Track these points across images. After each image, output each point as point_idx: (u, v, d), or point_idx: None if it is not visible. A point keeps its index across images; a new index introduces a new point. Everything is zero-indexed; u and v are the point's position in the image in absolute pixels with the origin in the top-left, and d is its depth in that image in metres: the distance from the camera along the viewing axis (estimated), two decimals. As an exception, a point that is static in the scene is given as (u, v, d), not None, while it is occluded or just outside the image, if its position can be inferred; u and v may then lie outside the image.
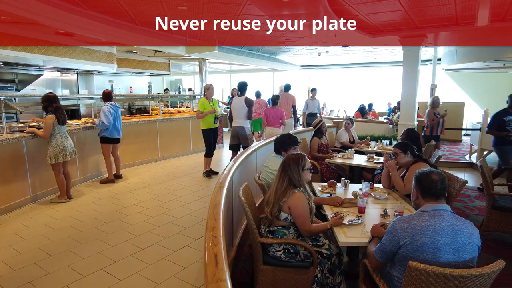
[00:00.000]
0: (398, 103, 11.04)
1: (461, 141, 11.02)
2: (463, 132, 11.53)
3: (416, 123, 8.00)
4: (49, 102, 4.87)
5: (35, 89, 8.02)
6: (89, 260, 3.29)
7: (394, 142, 6.30)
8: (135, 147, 7.18)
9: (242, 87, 6.42)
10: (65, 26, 5.77)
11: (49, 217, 4.41)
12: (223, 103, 12.15)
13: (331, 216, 2.64)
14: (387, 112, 12.72)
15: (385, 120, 9.80)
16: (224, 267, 1.29)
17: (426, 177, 2.00)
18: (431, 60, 11.98)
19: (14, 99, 5.36)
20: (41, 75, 8.53)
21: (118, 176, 6.16)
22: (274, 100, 7.16)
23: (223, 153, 8.96)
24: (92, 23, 6.22)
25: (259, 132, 7.91)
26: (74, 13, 5.82)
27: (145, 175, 6.56)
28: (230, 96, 11.38)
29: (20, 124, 5.52)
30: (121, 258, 3.32)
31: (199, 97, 10.26)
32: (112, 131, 5.83)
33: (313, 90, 9.89)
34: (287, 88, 8.94)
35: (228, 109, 8.79)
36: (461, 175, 6.21)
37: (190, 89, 13.21)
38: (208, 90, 6.42)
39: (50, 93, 5.14)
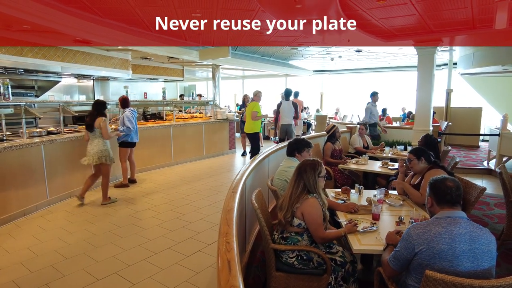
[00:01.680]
0: (409, 112, 10.91)
1: (478, 146, 10.76)
2: (481, 137, 11.26)
3: (431, 128, 7.86)
4: (104, 106, 5.23)
5: (53, 95, 8.22)
6: (104, 264, 3.33)
7: (410, 148, 6.20)
8: (149, 152, 7.27)
9: (287, 93, 7.41)
10: (83, 33, 5.92)
11: (65, 220, 4.49)
12: (237, 111, 12.17)
13: (345, 223, 2.61)
14: (402, 117, 12.55)
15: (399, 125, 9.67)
16: (237, 273, 1.28)
17: (441, 183, 1.97)
18: (446, 64, 11.79)
19: (34, 105, 5.51)
20: (59, 81, 8.76)
21: (132, 181, 6.25)
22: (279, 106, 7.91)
23: (236, 158, 8.99)
24: (108, 30, 6.36)
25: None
26: (91, 21, 5.98)
27: (158, 179, 6.63)
28: (241, 104, 11.37)
29: (38, 129, 5.67)
30: (135, 262, 3.35)
31: (211, 102, 10.35)
32: (132, 136, 5.96)
33: (375, 94, 8.31)
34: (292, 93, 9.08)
35: (241, 116, 8.90)
36: (479, 182, 6.06)
37: (199, 95, 13.33)
38: (256, 96, 7.29)
39: (101, 100, 5.56)
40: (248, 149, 8.57)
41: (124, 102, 6.08)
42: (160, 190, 5.90)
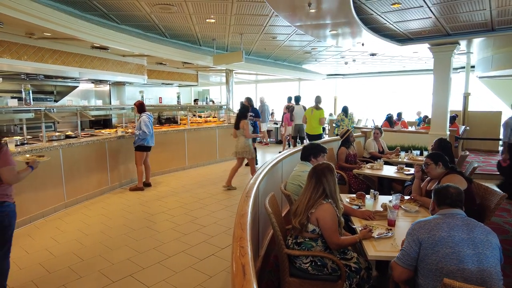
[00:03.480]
0: (425, 116, 10.69)
1: (498, 151, 10.45)
2: (500, 142, 10.95)
3: (448, 133, 7.70)
4: (247, 111, 6.39)
5: (71, 100, 8.42)
6: (119, 266, 3.38)
7: (425, 153, 6.08)
8: (164, 156, 7.36)
9: (298, 99, 9.61)
10: (100, 40, 6.07)
11: (81, 222, 4.58)
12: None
13: (360, 229, 2.58)
14: (417, 121, 12.33)
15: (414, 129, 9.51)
16: (251, 278, 1.28)
17: (443, 189, 2.14)
18: (463, 67, 11.55)
19: (53, 109, 5.66)
20: (77, 86, 8.98)
21: (147, 184, 6.33)
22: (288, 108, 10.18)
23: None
24: (125, 36, 6.51)
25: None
26: (109, 28, 6.13)
27: (173, 183, 6.70)
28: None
29: (57, 133, 5.82)
30: (149, 265, 3.38)
31: (225, 107, 10.42)
32: (148, 140, 6.05)
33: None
34: (290, 99, 11.11)
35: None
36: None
37: (212, 101, 13.44)
38: (319, 103, 8.09)
39: (245, 105, 6.75)
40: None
41: (141, 107, 6.19)
42: (175, 193, 5.96)
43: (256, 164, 7.52)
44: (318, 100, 8.06)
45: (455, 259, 1.82)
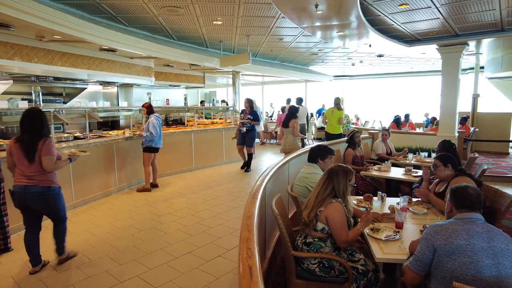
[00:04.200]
0: (433, 118, 10.60)
1: (508, 153, 10.31)
2: (511, 144, 10.80)
3: (456, 134, 7.62)
4: (296, 111, 6.90)
5: (80, 102, 8.52)
6: (126, 267, 3.40)
7: (433, 155, 6.02)
8: (171, 157, 7.40)
9: (301, 100, 10.18)
10: (109, 42, 6.13)
11: (89, 223, 4.62)
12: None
13: (367, 231, 2.56)
14: (425, 123, 12.23)
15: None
16: (258, 279, 1.28)
17: (462, 190, 2.02)
18: (472, 68, 11.43)
19: (61, 111, 5.73)
20: (85, 88, 9.08)
21: (154, 185, 6.37)
22: (283, 109, 11.17)
23: (255, 163, 9.01)
24: (133, 38, 6.57)
25: None
26: (117, 30, 6.20)
27: (180, 184, 6.73)
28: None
29: (65, 135, 5.89)
30: (156, 266, 3.40)
31: (231, 108, 10.44)
32: (157, 141, 6.09)
33: None
34: (289, 100, 11.82)
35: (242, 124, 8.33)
36: (510, 191, 5.80)
37: (223, 101, 13.47)
38: (339, 104, 8.47)
39: (294, 106, 7.28)
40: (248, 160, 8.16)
41: (150, 108, 6.24)
42: (181, 194, 5.99)
43: None
44: (338, 101, 8.48)
45: (472, 269, 1.72)
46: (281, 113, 12.04)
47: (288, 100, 12.08)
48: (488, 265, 1.72)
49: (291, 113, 6.95)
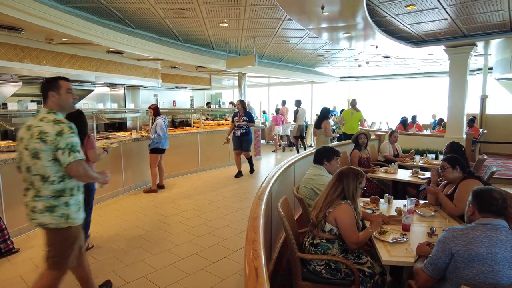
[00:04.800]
0: (440, 119, 10.51)
1: (517, 155, 10.18)
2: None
3: (464, 136, 7.55)
4: (328, 113, 7.05)
5: (87, 103, 8.62)
6: (132, 267, 3.42)
7: (441, 157, 5.97)
8: (177, 159, 7.43)
9: (299, 102, 10.72)
10: (116, 44, 6.19)
11: (96, 223, 4.65)
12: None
13: (374, 233, 2.55)
14: (432, 124, 12.12)
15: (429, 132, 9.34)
16: (264, 281, 1.28)
17: (487, 193, 1.91)
18: (481, 69, 11.31)
19: (70, 113, 5.81)
20: (93, 90, 9.18)
21: (161, 186, 6.40)
22: (277, 110, 12.13)
23: (260, 164, 9.01)
24: (140, 41, 6.62)
25: None
26: (124, 33, 6.25)
27: (186, 185, 6.76)
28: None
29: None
30: (162, 267, 3.41)
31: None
32: (163, 143, 6.13)
33: None
34: (284, 102, 12.65)
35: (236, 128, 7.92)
36: (519, 193, 5.72)
37: (231, 103, 13.52)
38: (356, 106, 8.67)
39: (327, 107, 7.25)
40: (243, 168, 7.78)
41: (157, 110, 6.29)
42: (188, 196, 6.01)
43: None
44: (354, 102, 8.73)
45: (491, 278, 1.66)
46: (275, 114, 12.42)
47: (283, 102, 12.62)
48: (508, 275, 1.66)
49: (323, 115, 7.09)
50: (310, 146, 12.48)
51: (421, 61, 10.94)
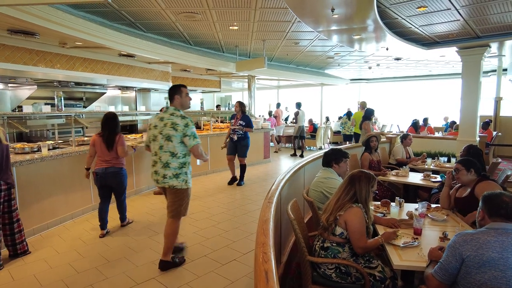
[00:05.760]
0: (452, 122, 10.34)
1: (533, 159, 9.94)
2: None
3: (478, 139, 7.41)
4: (372, 113, 7.29)
5: (99, 106, 8.74)
6: (143, 268, 3.45)
7: (453, 160, 5.88)
8: (187, 161, 7.47)
9: (299, 105, 11.00)
10: (127, 48, 6.28)
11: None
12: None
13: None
14: (444, 127, 11.94)
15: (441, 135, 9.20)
16: (275, 284, 1.28)
17: (496, 197, 1.89)
18: (494, 70, 11.10)
19: (82, 115, 5.90)
20: (105, 93, 9.31)
21: (170, 188, 6.43)
22: (270, 113, 12.80)
23: (270, 167, 9.00)
24: (151, 44, 6.70)
25: None
26: (136, 36, 6.34)
27: (196, 187, 6.79)
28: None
29: (85, 138, 6.05)
30: (172, 269, 3.43)
31: (247, 113, 10.49)
32: None
33: None
34: (279, 105, 13.71)
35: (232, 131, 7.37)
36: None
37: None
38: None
39: (370, 108, 7.53)
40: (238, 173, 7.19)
41: None
42: (197, 197, 6.04)
43: None
44: (365, 105, 9.17)
45: (503, 284, 1.63)
46: (268, 117, 12.79)
47: (278, 105, 13.47)
48: None
49: (364, 116, 7.34)
50: (320, 148, 12.45)
51: (433, 63, 10.80)
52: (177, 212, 3.44)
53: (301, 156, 10.59)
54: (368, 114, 7.38)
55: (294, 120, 11.60)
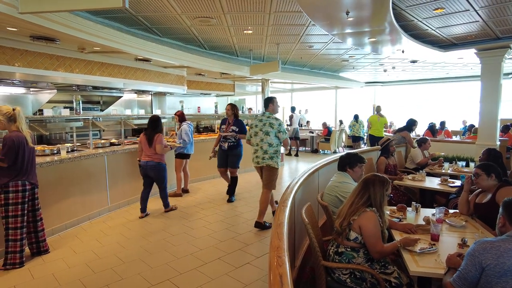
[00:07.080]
0: (471, 125, 10.08)
1: (557, 164, 9.58)
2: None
3: (498, 143, 7.21)
4: (415, 125, 7.25)
5: (116, 109, 8.93)
6: (157, 270, 3.49)
7: (472, 164, 5.73)
8: (202, 163, 7.52)
9: (294, 109, 12.59)
10: (144, 52, 6.39)
11: (123, 226, 4.80)
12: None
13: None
14: (462, 130, 11.66)
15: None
16: (289, 288, 1.28)
17: None
18: (516, 73, 10.80)
19: (99, 118, 6.04)
20: (121, 96, 9.50)
21: (185, 191, 6.51)
22: (291, 117, 12.74)
23: (283, 171, 8.97)
24: (166, 49, 6.80)
25: None
26: (152, 41, 6.45)
27: (210, 190, 6.83)
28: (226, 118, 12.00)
29: (102, 141, 6.18)
30: (186, 271, 3.46)
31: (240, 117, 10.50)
32: (189, 148, 6.25)
33: None
34: (293, 109, 13.68)
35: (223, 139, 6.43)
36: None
37: (250, 109, 13.64)
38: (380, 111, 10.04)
39: (414, 120, 7.34)
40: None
41: (182, 116, 6.43)
42: (211, 200, 6.07)
43: None
44: (379, 109, 10.06)
45: None
46: (289, 121, 13.18)
47: (293, 109, 13.43)
48: None
49: (407, 127, 7.21)
50: (335, 152, 12.35)
51: (450, 65, 10.57)
52: (269, 184, 4.63)
53: (296, 155, 11.97)
54: (409, 125, 7.12)
55: (289, 123, 12.65)
